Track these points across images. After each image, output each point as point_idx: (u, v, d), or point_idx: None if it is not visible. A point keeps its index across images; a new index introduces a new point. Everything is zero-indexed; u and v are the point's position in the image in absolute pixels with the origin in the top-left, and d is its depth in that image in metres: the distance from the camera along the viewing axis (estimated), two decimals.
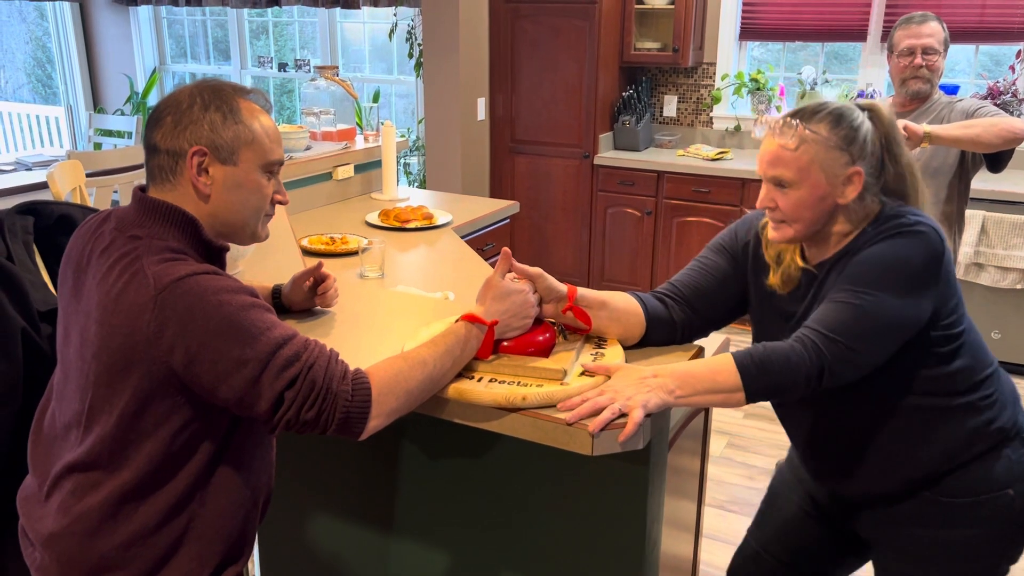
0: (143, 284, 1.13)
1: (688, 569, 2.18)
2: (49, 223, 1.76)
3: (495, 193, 5.01)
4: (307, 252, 2.63)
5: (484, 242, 3.33)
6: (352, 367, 1.22)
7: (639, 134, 4.77)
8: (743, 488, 3.07)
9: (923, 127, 2.37)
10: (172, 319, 1.12)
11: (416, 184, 5.73)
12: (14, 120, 6.66)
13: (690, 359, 1.49)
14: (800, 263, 1.47)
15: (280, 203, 1.31)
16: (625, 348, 1.53)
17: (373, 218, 3.07)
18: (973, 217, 3.82)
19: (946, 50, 2.63)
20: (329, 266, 2.57)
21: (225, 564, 1.28)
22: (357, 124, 3.86)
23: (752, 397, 1.31)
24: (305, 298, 1.63)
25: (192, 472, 1.21)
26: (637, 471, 1.46)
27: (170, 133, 1.22)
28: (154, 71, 6.73)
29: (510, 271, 1.44)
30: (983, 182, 3.72)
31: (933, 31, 2.59)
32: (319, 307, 1.66)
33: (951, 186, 2.61)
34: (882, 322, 1.31)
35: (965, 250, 3.85)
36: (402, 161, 5.72)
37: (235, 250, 1.86)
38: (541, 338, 1.41)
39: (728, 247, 1.59)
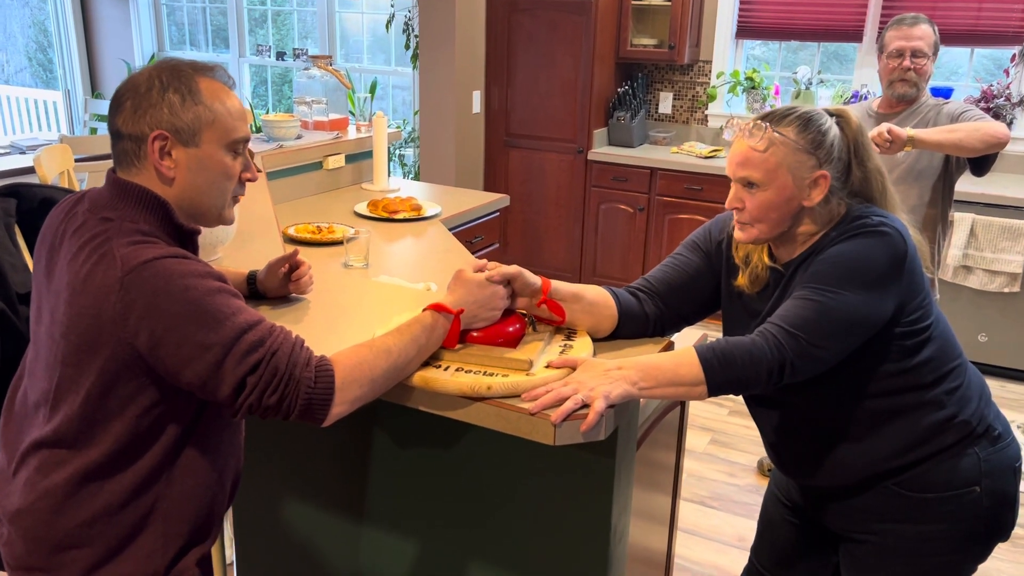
0: (111, 266, 1.14)
1: (661, 563, 2.19)
2: (32, 206, 1.77)
3: (489, 186, 5.02)
4: (293, 240, 2.64)
5: (473, 234, 3.34)
6: (318, 354, 1.23)
7: (633, 130, 4.77)
8: (724, 485, 3.09)
9: (907, 131, 2.38)
10: (138, 301, 1.13)
11: (411, 176, 5.74)
12: (12, 104, 6.66)
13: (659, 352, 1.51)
14: (768, 262, 1.49)
15: (249, 180, 1.32)
16: (596, 340, 1.54)
17: (362, 208, 3.08)
18: (962, 220, 3.83)
19: (936, 53, 2.64)
20: (314, 255, 2.58)
21: (191, 544, 1.29)
22: (351, 114, 3.87)
23: (714, 390, 1.33)
24: (280, 284, 1.64)
25: (158, 453, 1.23)
26: (604, 463, 1.47)
27: (131, 118, 1.22)
28: (152, 57, 6.73)
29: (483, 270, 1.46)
30: (973, 185, 3.73)
31: (924, 34, 2.60)
32: (294, 294, 1.67)
33: (935, 189, 2.62)
34: (843, 319, 1.33)
35: (954, 252, 3.86)
36: (397, 152, 5.72)
37: (215, 236, 1.87)
38: (511, 329, 1.42)
39: (702, 245, 1.61)
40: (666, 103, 5.03)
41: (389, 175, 5.75)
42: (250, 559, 1.95)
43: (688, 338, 2.05)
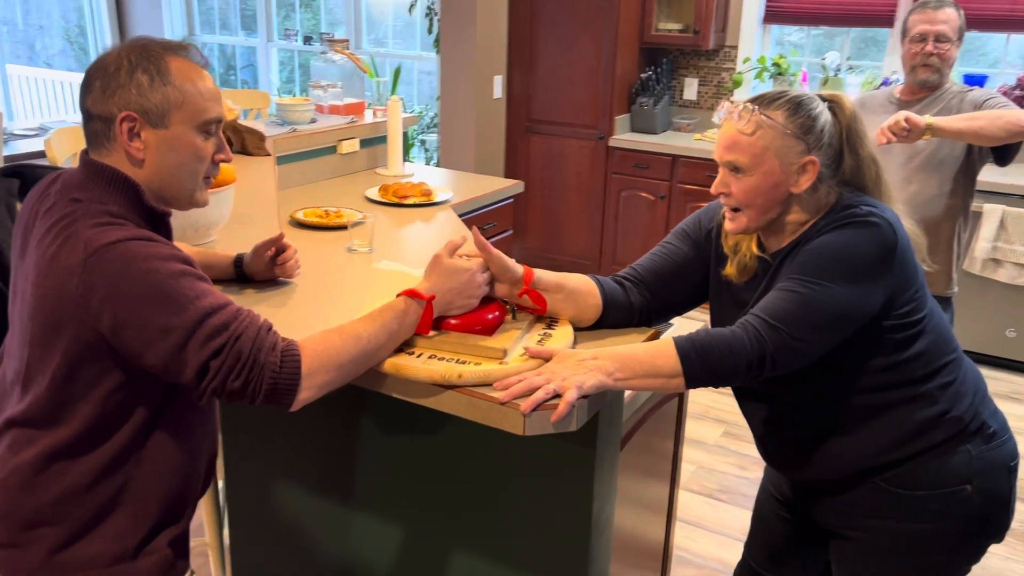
0: (75, 248, 1.14)
1: (658, 553, 2.16)
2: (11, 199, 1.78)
3: (509, 172, 4.99)
4: (300, 224, 2.64)
5: (485, 221, 3.32)
6: (288, 338, 1.22)
7: (656, 116, 4.71)
8: (734, 477, 3.04)
9: (925, 119, 2.30)
10: (100, 284, 1.12)
11: (433, 162, 5.73)
12: (47, 86, 6.77)
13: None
14: (756, 252, 1.45)
15: (223, 161, 1.31)
16: (580, 329, 1.51)
17: (373, 193, 3.07)
18: (992, 212, 3.72)
19: (961, 38, 2.55)
20: (320, 239, 2.58)
21: (162, 525, 1.30)
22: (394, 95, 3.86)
23: (692, 383, 1.30)
24: (266, 268, 1.64)
25: (127, 434, 1.23)
26: (584, 453, 1.45)
27: (99, 98, 1.21)
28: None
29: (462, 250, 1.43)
30: (1002, 175, 3.61)
31: (948, 18, 2.51)
32: (280, 277, 1.66)
33: (956, 179, 2.54)
34: (826, 312, 1.30)
35: (983, 245, 3.75)
36: (419, 137, 5.71)
37: (208, 218, 1.87)
38: (489, 316, 1.40)
39: (691, 233, 1.58)
40: (691, 89, 4.95)
41: (411, 160, 5.73)
42: (243, 543, 1.96)
43: (684, 330, 2.00)
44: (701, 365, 1.29)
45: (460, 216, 3.10)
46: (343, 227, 2.63)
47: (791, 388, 1.43)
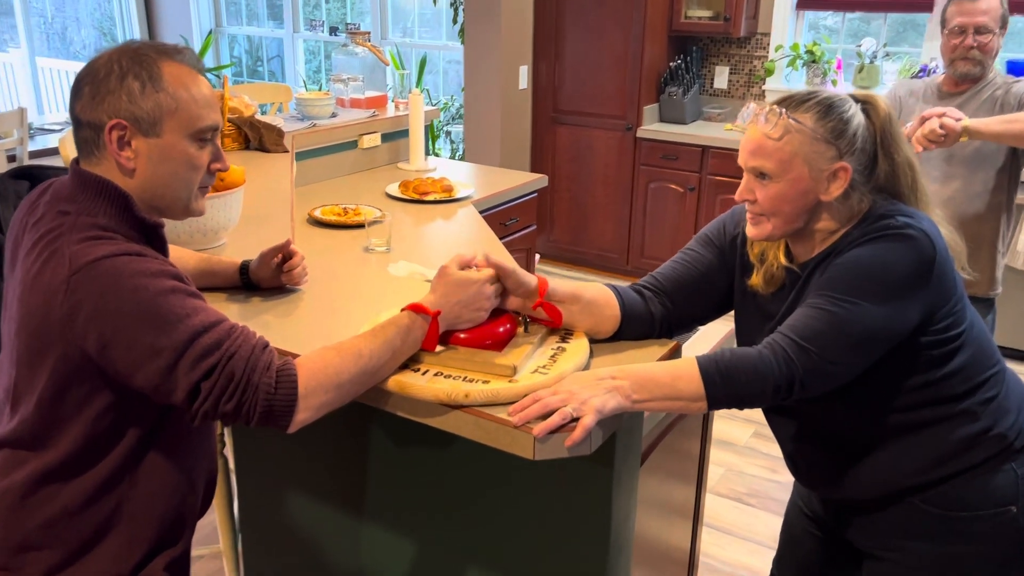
0: (59, 264, 1.10)
1: (684, 560, 2.08)
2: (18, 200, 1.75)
3: (535, 164, 4.91)
4: (318, 223, 2.59)
5: (508, 216, 3.25)
6: (285, 356, 1.17)
7: (686, 106, 4.59)
8: (764, 481, 2.96)
9: (962, 121, 2.19)
10: (85, 302, 1.08)
11: (459, 154, 5.67)
12: None
13: (662, 357, 1.40)
14: (784, 262, 1.37)
15: (219, 170, 1.25)
16: (598, 341, 1.44)
17: (393, 189, 3.01)
18: None
19: (1005, 27, 2.42)
20: (338, 238, 2.53)
21: (159, 549, 1.26)
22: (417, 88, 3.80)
23: (715, 406, 1.22)
24: (273, 275, 1.58)
25: (120, 455, 1.18)
26: (600, 471, 1.38)
27: (88, 105, 1.16)
28: (210, 33, 6.78)
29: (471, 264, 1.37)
30: None
31: (989, 7, 2.38)
32: (287, 285, 1.61)
33: (1001, 174, 2.42)
34: (860, 332, 1.21)
35: None
36: (444, 129, 5.65)
37: (217, 221, 1.82)
38: (500, 330, 1.33)
39: (715, 239, 1.49)
40: (721, 78, 4.82)
41: (437, 151, 5.68)
42: (255, 551, 1.92)
43: (711, 334, 1.92)
44: (725, 388, 1.21)
45: (483, 212, 3.04)
46: (361, 225, 2.58)
47: (822, 406, 1.35)
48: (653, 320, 1.46)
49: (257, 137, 2.80)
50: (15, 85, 7.03)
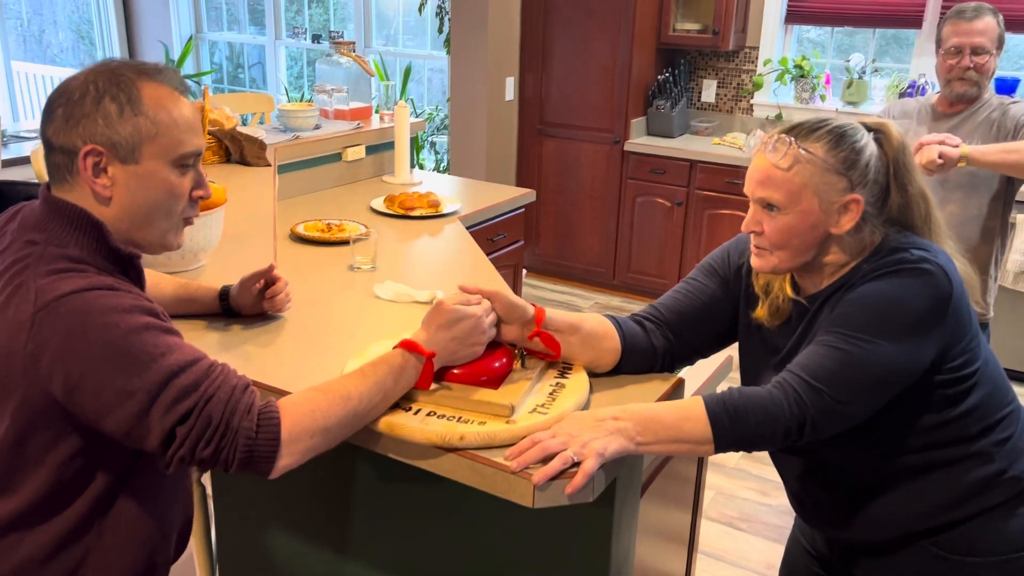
0: (24, 299, 1.02)
1: None
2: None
3: (521, 177, 4.85)
4: (300, 239, 2.52)
5: (495, 232, 3.19)
6: (269, 399, 1.09)
7: (674, 120, 4.55)
8: (755, 504, 2.90)
9: (960, 149, 2.16)
10: (51, 341, 1.00)
11: (443, 164, 5.60)
12: (54, 83, 6.67)
13: (664, 394, 1.34)
14: (791, 294, 1.32)
15: (202, 198, 1.17)
16: (597, 376, 1.38)
17: (378, 204, 2.94)
18: None
19: (1001, 47, 2.39)
20: (322, 255, 2.45)
21: None
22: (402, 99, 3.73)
23: (722, 449, 1.16)
24: (254, 302, 1.50)
25: (87, 503, 1.10)
26: (602, 514, 1.31)
27: (62, 128, 1.08)
28: (190, 39, 6.67)
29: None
30: None
31: (986, 28, 2.34)
32: (269, 311, 1.53)
33: (994, 200, 2.38)
34: (873, 372, 1.16)
35: (1016, 258, 3.59)
36: (428, 139, 5.58)
37: (196, 243, 1.74)
38: (496, 365, 1.27)
39: (719, 269, 1.44)
40: (709, 91, 4.79)
41: (421, 162, 5.59)
42: None
43: (705, 363, 1.86)
44: (734, 431, 1.15)
45: (470, 228, 2.97)
46: (345, 242, 2.51)
47: (831, 445, 1.29)
48: (655, 353, 1.40)
49: (238, 150, 2.72)
50: None
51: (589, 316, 1.38)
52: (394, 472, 1.49)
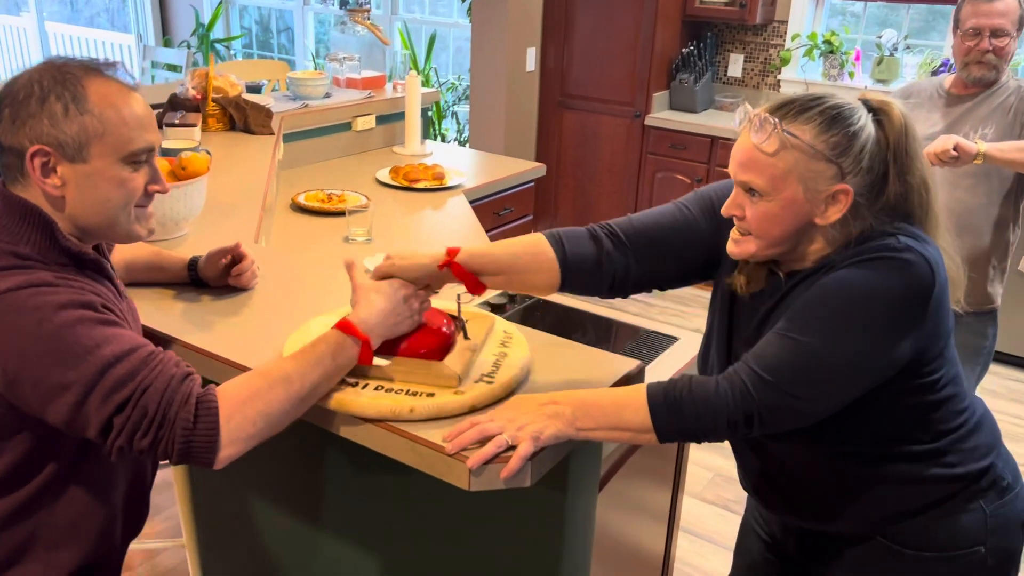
0: None
1: (657, 565, 2.00)
2: None
3: (541, 149, 4.80)
4: (301, 209, 2.52)
5: (502, 206, 3.16)
6: (208, 386, 1.09)
7: (697, 94, 4.46)
8: None
9: (977, 146, 2.09)
10: None
11: (464, 135, 5.56)
12: (87, 45, 6.73)
13: (620, 380, 1.31)
14: (770, 265, 1.24)
15: (158, 192, 1.17)
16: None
17: (384, 175, 2.93)
18: None
19: (1021, 29, 2.28)
20: (320, 225, 2.45)
21: (83, 573, 1.20)
22: (413, 69, 3.70)
23: (667, 438, 1.13)
24: (220, 275, 1.51)
25: (38, 485, 1.13)
26: (553, 498, 1.30)
27: (8, 129, 1.08)
28: (220, 3, 6.69)
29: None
30: None
31: (1007, 9, 2.24)
32: (235, 286, 1.53)
33: (1009, 187, 2.29)
34: (834, 367, 1.10)
35: None
36: (452, 109, 5.54)
37: (176, 212, 1.74)
38: (439, 335, 1.26)
39: (716, 201, 1.30)
40: (736, 66, 4.68)
41: (443, 133, 5.56)
42: (210, 551, 1.87)
43: (680, 353, 1.82)
44: (673, 424, 1.12)
45: (476, 201, 2.95)
46: (342, 213, 2.50)
47: (784, 443, 1.26)
48: (602, 273, 1.29)
49: (243, 118, 2.73)
50: (28, 50, 6.98)
51: (518, 244, 1.30)
52: (358, 449, 1.50)
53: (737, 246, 1.21)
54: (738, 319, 1.31)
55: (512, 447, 1.09)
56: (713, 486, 2.88)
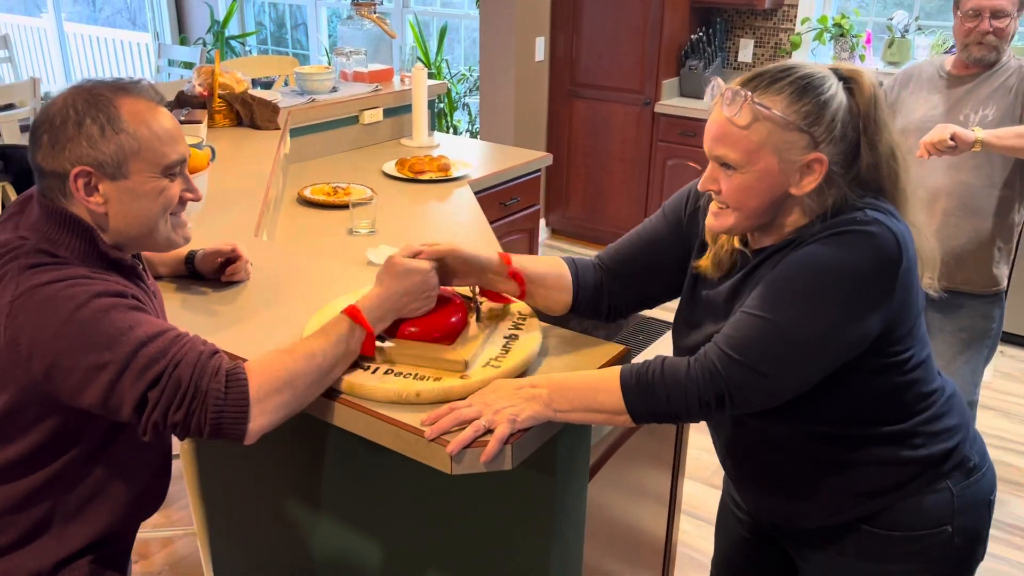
0: (6, 287, 1.10)
1: (659, 548, 2.02)
2: (24, 166, 1.75)
3: (551, 138, 4.81)
4: (307, 203, 2.56)
5: (508, 196, 3.18)
6: (236, 361, 1.14)
7: (706, 81, 4.44)
8: None
9: (975, 133, 2.09)
10: (26, 328, 1.08)
11: (476, 126, 5.58)
12: (104, 45, 6.84)
13: (609, 361, 1.33)
14: (737, 245, 1.26)
15: (192, 200, 1.24)
16: (551, 318, 1.40)
17: (390, 167, 2.96)
18: None
19: (1022, 8, 2.27)
20: (325, 218, 2.49)
21: (91, 549, 1.25)
22: (424, 62, 3.73)
23: (642, 420, 1.16)
24: (215, 271, 1.56)
25: (61, 467, 1.19)
26: (542, 481, 1.33)
27: (49, 154, 1.14)
28: (232, 4, 6.75)
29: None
30: None
31: None
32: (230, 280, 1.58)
33: (1010, 169, 2.28)
34: (803, 344, 1.11)
35: None
36: (463, 100, 5.56)
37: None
38: (451, 320, 1.28)
39: (673, 211, 1.37)
40: (746, 51, 4.66)
41: (454, 124, 5.59)
42: (221, 538, 1.92)
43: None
44: (645, 404, 1.14)
45: (482, 191, 2.97)
46: (347, 206, 2.54)
47: (757, 420, 1.28)
48: (602, 300, 1.39)
49: (248, 113, 2.77)
50: (48, 51, 7.09)
51: (545, 262, 1.37)
52: (352, 437, 1.53)
53: (716, 219, 1.22)
54: (706, 296, 1.32)
55: (490, 431, 1.12)
56: (721, 472, 2.89)
